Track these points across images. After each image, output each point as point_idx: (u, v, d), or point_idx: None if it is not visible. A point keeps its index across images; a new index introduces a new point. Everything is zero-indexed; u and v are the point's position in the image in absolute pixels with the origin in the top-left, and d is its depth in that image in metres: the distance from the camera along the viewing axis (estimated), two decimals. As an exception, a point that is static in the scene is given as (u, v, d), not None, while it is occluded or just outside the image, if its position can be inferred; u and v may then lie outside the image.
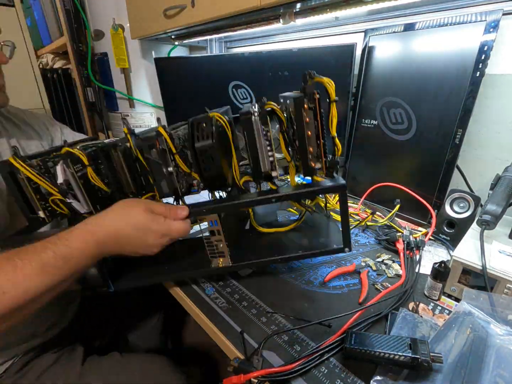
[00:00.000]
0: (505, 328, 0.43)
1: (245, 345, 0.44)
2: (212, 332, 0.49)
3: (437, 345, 0.41)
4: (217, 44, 1.39)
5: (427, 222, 0.78)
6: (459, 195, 0.69)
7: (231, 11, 0.77)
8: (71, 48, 1.33)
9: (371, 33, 0.83)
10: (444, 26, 0.70)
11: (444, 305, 0.53)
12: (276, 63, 0.94)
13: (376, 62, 0.83)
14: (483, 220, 0.55)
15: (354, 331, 0.42)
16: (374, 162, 0.90)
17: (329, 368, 0.41)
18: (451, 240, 0.70)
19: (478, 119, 0.77)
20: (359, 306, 0.52)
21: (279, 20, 0.82)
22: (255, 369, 0.40)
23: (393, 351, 0.38)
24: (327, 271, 0.61)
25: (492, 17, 0.63)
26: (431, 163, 0.76)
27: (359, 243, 0.73)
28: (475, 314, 0.45)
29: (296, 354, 0.43)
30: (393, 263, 0.63)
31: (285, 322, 0.49)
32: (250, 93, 1.05)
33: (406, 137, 0.80)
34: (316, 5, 0.75)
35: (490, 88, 0.74)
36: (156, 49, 1.33)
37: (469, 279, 0.52)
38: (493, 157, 0.78)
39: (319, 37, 1.04)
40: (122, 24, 1.22)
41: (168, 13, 0.95)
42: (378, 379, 0.38)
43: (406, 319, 0.46)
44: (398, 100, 0.80)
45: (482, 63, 0.65)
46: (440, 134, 0.74)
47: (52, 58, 1.67)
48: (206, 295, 0.56)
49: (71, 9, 1.28)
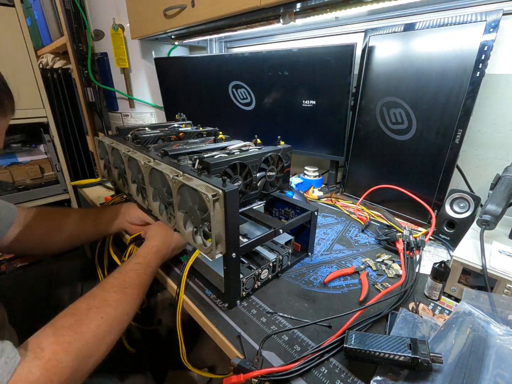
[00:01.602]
0: (505, 328, 0.43)
1: (243, 348, 0.44)
2: (212, 332, 0.49)
3: (437, 345, 0.41)
4: (217, 44, 1.39)
5: (427, 222, 0.78)
6: (459, 195, 0.69)
7: (231, 11, 0.77)
8: (71, 48, 1.33)
9: (371, 33, 0.83)
10: (444, 26, 0.70)
11: (444, 305, 0.53)
12: (276, 63, 0.94)
13: (376, 62, 0.83)
14: (483, 220, 0.55)
15: (354, 331, 0.42)
16: (374, 162, 0.90)
17: (329, 368, 0.41)
18: (451, 240, 0.70)
19: (478, 119, 0.77)
20: (359, 306, 0.52)
21: (279, 20, 0.82)
22: (255, 369, 0.40)
23: (393, 351, 0.37)
24: (327, 272, 0.61)
25: (492, 17, 0.63)
26: (431, 163, 0.76)
27: (359, 243, 0.73)
28: (475, 314, 0.45)
29: (296, 354, 0.43)
30: (393, 263, 0.63)
31: (285, 322, 0.49)
32: (250, 93, 1.05)
33: (406, 137, 0.80)
34: (316, 5, 0.75)
35: (490, 88, 0.74)
36: (156, 49, 1.33)
37: (469, 279, 0.52)
38: (493, 157, 0.79)
39: (319, 37, 1.04)
40: (122, 24, 1.22)
41: (168, 13, 0.95)
42: (378, 379, 0.38)
43: (406, 319, 0.46)
44: (398, 100, 0.80)
45: (482, 63, 0.65)
46: (440, 134, 0.74)
47: (52, 58, 1.67)
48: (206, 295, 0.56)
49: (71, 9, 1.28)
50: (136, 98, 1.35)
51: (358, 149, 0.93)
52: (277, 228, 0.56)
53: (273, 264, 0.57)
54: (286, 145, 0.66)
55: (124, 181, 0.75)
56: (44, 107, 1.20)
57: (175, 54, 1.40)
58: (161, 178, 0.56)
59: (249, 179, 0.60)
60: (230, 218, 0.44)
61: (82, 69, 1.38)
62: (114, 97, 1.37)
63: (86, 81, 1.41)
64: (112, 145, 0.73)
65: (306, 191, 1.04)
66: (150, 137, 0.74)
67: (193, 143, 0.72)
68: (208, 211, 0.43)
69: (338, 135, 0.91)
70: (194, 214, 0.49)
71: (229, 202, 0.43)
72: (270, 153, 0.62)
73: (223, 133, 0.78)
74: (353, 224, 0.82)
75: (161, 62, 1.28)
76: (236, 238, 0.47)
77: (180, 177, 0.50)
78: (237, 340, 0.46)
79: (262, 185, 0.64)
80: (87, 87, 1.42)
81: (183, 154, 0.63)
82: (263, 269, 0.55)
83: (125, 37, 1.23)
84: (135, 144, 0.71)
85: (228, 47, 1.39)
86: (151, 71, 1.33)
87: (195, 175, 0.50)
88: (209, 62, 1.13)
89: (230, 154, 0.59)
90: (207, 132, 0.82)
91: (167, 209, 0.58)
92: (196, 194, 0.46)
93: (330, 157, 0.97)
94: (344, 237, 0.75)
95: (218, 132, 0.83)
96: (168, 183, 0.52)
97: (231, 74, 1.07)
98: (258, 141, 0.68)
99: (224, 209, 0.44)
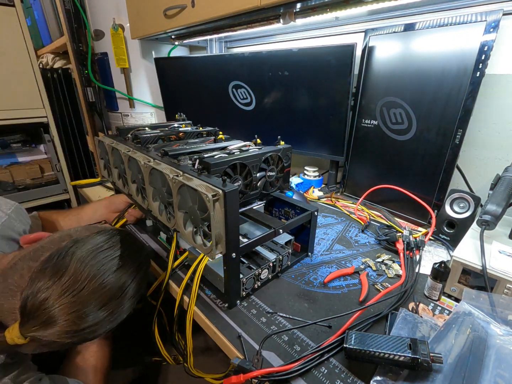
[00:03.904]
0: (505, 328, 0.43)
1: (243, 348, 0.44)
2: (212, 332, 0.49)
3: (437, 345, 0.40)
4: (217, 44, 1.39)
5: (427, 222, 0.78)
6: (459, 195, 0.69)
7: (231, 11, 0.77)
8: (71, 48, 1.34)
9: (371, 33, 0.83)
10: (444, 26, 0.70)
11: (444, 305, 0.53)
12: (276, 63, 0.94)
13: (376, 62, 0.83)
14: (483, 220, 0.55)
15: (354, 331, 0.42)
16: (374, 162, 0.90)
17: (329, 368, 0.41)
18: (451, 240, 0.70)
19: (478, 119, 0.77)
20: (359, 306, 0.52)
21: (279, 20, 0.82)
22: (255, 369, 0.40)
23: (393, 351, 0.37)
24: (327, 272, 0.61)
25: (492, 17, 0.63)
26: (431, 163, 0.76)
27: (359, 243, 0.73)
28: (475, 314, 0.45)
29: (296, 354, 0.43)
30: (393, 263, 0.63)
31: (285, 322, 0.49)
32: (250, 93, 1.05)
33: (406, 137, 0.80)
34: (316, 5, 0.75)
35: (490, 88, 0.74)
36: (156, 49, 1.33)
37: (469, 279, 0.52)
38: (493, 157, 0.78)
39: (319, 37, 1.04)
40: (122, 24, 1.22)
41: (168, 13, 0.95)
42: (378, 379, 0.38)
43: (406, 319, 0.46)
44: (398, 100, 0.80)
45: (482, 63, 0.65)
46: (440, 134, 0.74)
47: (52, 58, 1.67)
48: (206, 295, 0.56)
49: (71, 9, 1.28)
50: (136, 98, 1.35)
51: (358, 149, 0.93)
52: (277, 228, 0.56)
53: (273, 264, 0.57)
54: (286, 145, 0.66)
55: (124, 181, 0.75)
56: (44, 107, 1.20)
57: (175, 54, 1.40)
58: (161, 178, 0.56)
59: (249, 179, 0.60)
60: (230, 218, 0.44)
61: (82, 69, 1.38)
62: (114, 97, 1.37)
63: (86, 81, 1.41)
64: (112, 145, 0.73)
65: (306, 191, 1.04)
66: (150, 137, 0.74)
67: (193, 143, 0.72)
68: (208, 211, 0.43)
69: (338, 135, 0.91)
70: (194, 214, 0.49)
71: (229, 202, 0.43)
72: (270, 153, 0.62)
73: (223, 133, 0.78)
74: (353, 224, 0.82)
75: (161, 62, 1.28)
76: (236, 238, 0.47)
77: (180, 177, 0.50)
78: (237, 340, 0.46)
79: (262, 185, 0.64)
80: (87, 87, 1.43)
81: (183, 154, 0.63)
82: (263, 269, 0.55)
83: (125, 37, 1.23)
84: (135, 144, 0.71)
85: (228, 47, 1.39)
86: (151, 71, 1.33)
87: (195, 175, 0.50)
88: (209, 62, 1.13)
89: (230, 154, 0.59)
90: (207, 132, 0.82)
91: (167, 209, 0.58)
92: (196, 194, 0.46)
93: (330, 157, 0.97)
94: (344, 237, 0.75)
95: (218, 132, 0.83)
96: (168, 183, 0.52)
97: (231, 74, 1.07)
98: (258, 141, 0.68)
99: (224, 209, 0.44)
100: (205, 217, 0.46)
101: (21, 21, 1.07)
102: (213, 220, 0.44)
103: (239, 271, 0.51)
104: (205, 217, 0.46)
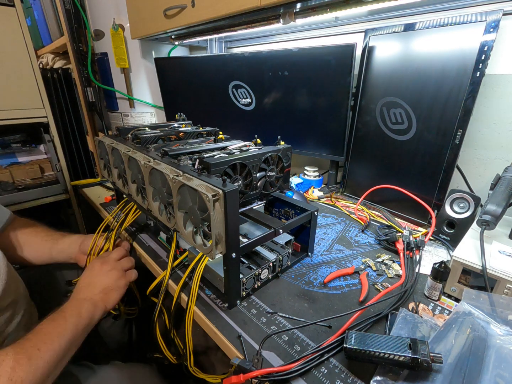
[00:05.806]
0: (505, 328, 0.43)
1: (243, 348, 0.44)
2: (212, 332, 0.49)
3: (437, 345, 0.40)
4: (217, 44, 1.39)
5: (427, 222, 0.78)
6: (459, 195, 0.69)
7: (231, 11, 0.77)
8: (71, 48, 1.34)
9: (371, 33, 0.83)
10: (444, 26, 0.70)
11: (444, 305, 0.53)
12: (276, 63, 0.94)
13: (376, 62, 0.83)
14: (483, 220, 0.55)
15: (354, 331, 0.42)
16: (373, 162, 0.90)
17: (329, 368, 0.41)
18: (451, 240, 0.70)
19: (478, 119, 0.77)
20: (359, 306, 0.52)
21: (279, 20, 0.82)
22: (255, 369, 0.40)
23: (393, 351, 0.37)
24: (327, 272, 0.61)
25: (492, 17, 0.63)
26: (431, 163, 0.76)
27: (359, 243, 0.73)
28: (475, 314, 0.45)
29: (296, 354, 0.43)
30: (393, 263, 0.63)
31: (285, 322, 0.49)
32: (250, 93, 1.05)
33: (406, 137, 0.80)
34: (316, 5, 0.75)
35: (490, 88, 0.74)
36: (156, 49, 1.33)
37: (469, 279, 0.52)
38: (493, 157, 0.79)
39: (319, 37, 1.05)
40: (122, 24, 1.22)
41: (168, 13, 0.95)
42: (378, 379, 0.38)
43: (406, 319, 0.46)
44: (398, 100, 0.80)
45: (482, 63, 0.65)
46: (440, 134, 0.74)
47: (52, 58, 1.67)
48: (206, 295, 0.56)
49: (71, 9, 1.28)
50: (136, 98, 1.35)
51: (358, 149, 0.93)
52: (277, 228, 0.56)
53: (273, 264, 0.57)
54: (286, 145, 0.66)
55: (124, 181, 0.75)
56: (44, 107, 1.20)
57: (175, 54, 1.40)
58: (161, 178, 0.56)
59: (249, 179, 0.60)
60: (230, 218, 0.44)
61: (82, 69, 1.38)
62: (114, 97, 1.37)
63: (86, 81, 1.41)
64: (112, 145, 0.73)
65: (306, 191, 1.04)
66: (150, 137, 0.74)
67: (193, 143, 0.72)
68: (208, 211, 0.43)
69: (338, 135, 0.91)
70: (194, 214, 0.49)
71: (229, 202, 0.43)
72: (270, 153, 0.62)
73: (223, 133, 0.78)
74: (353, 224, 0.82)
75: (161, 62, 1.28)
76: (236, 238, 0.47)
77: (180, 177, 0.50)
78: (237, 340, 0.46)
79: (262, 185, 0.64)
80: (87, 87, 1.42)
81: (183, 154, 0.63)
82: (263, 269, 0.55)
83: (125, 37, 1.24)
84: (135, 144, 0.71)
85: (228, 47, 1.39)
86: (151, 71, 1.33)
87: (195, 175, 0.50)
88: (209, 62, 1.13)
89: (230, 154, 0.59)
90: (207, 132, 0.82)
91: (166, 209, 0.58)
92: (196, 194, 0.46)
93: (330, 157, 0.97)
94: (344, 237, 0.75)
95: (218, 132, 0.83)
96: (168, 183, 0.52)
97: (231, 74, 1.07)
98: (258, 141, 0.68)
99: (224, 209, 0.44)
100: (205, 217, 0.46)
101: (21, 21, 1.07)
102: (213, 220, 0.44)
103: (239, 271, 0.51)
104: (205, 217, 0.46)
